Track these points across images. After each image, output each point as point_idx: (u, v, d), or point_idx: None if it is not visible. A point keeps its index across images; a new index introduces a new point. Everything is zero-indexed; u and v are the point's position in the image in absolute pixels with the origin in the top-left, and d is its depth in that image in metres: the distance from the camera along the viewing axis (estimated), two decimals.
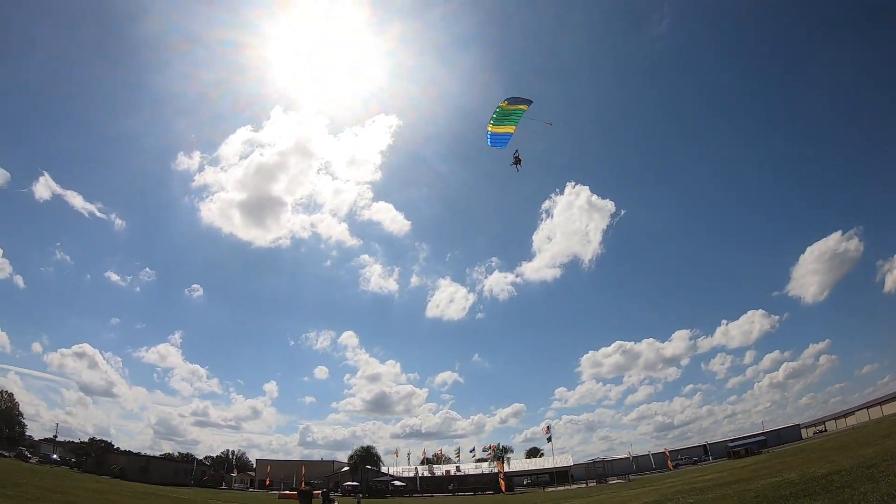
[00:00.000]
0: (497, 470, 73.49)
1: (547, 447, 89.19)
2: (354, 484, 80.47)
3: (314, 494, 13.52)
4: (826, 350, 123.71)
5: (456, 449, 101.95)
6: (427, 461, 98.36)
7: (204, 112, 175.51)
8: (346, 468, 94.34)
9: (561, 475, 79.74)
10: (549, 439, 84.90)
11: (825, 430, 78.33)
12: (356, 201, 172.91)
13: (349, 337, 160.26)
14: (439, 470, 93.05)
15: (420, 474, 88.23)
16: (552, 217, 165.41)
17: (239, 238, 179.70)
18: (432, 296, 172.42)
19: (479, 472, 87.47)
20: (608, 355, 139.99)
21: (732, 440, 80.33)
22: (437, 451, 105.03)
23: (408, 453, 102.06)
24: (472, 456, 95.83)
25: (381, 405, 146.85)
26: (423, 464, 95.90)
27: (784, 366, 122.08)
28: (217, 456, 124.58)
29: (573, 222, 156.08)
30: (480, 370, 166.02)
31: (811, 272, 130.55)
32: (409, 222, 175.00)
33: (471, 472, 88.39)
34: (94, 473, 63.47)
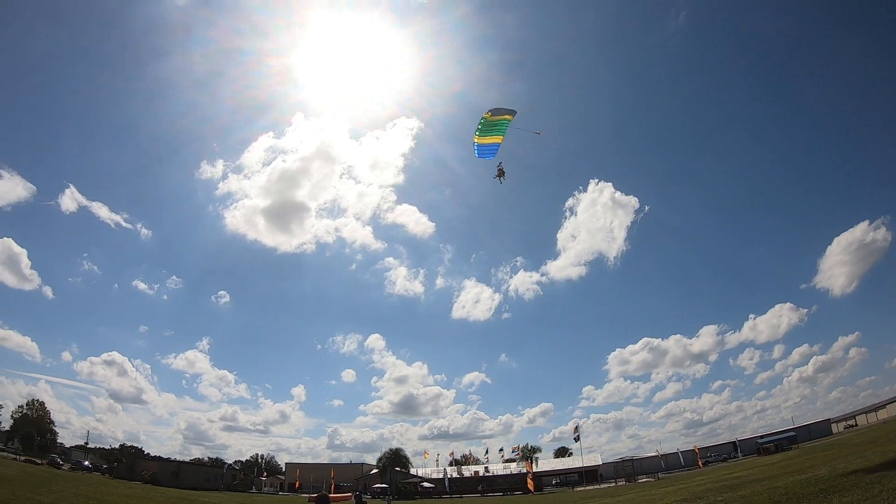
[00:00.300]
0: (526, 470, 74.15)
1: (575, 446, 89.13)
2: (384, 486, 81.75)
3: (342, 497, 14.47)
4: (856, 343, 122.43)
5: (484, 450, 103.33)
6: (456, 462, 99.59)
7: (226, 121, 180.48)
8: (375, 470, 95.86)
9: (590, 474, 79.63)
10: (577, 438, 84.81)
11: (856, 425, 77.16)
12: (379, 204, 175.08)
13: (376, 340, 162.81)
14: (468, 471, 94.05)
15: (449, 475, 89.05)
16: (576, 215, 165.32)
17: (264, 244, 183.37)
18: (458, 297, 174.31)
19: (507, 472, 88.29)
20: (635, 352, 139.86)
21: (762, 436, 79.60)
22: (466, 452, 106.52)
23: (436, 455, 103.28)
24: (501, 456, 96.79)
25: (408, 407, 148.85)
26: (451, 465, 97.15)
27: (813, 360, 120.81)
28: (246, 460, 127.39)
29: (597, 220, 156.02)
30: (507, 370, 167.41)
31: (839, 263, 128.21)
32: (433, 224, 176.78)
33: (499, 473, 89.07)
34: (125, 479, 64.62)
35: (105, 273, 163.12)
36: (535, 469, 77.44)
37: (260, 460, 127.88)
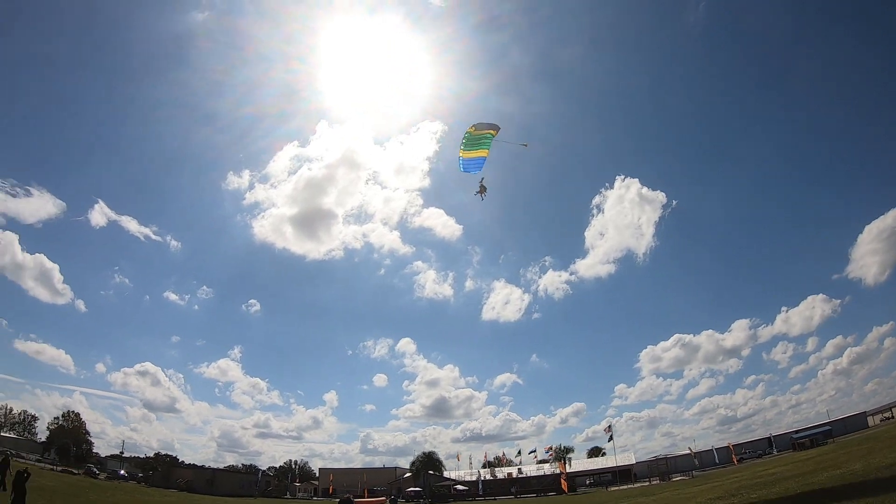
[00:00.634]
0: (559, 470, 74.57)
1: (608, 446, 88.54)
2: (417, 489, 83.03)
3: (375, 502, 15.37)
4: (890, 333, 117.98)
5: (517, 451, 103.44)
6: (489, 464, 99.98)
7: (251, 131, 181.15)
8: (409, 474, 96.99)
9: (623, 474, 79.28)
10: (610, 438, 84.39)
11: (893, 417, 75.51)
12: (406, 209, 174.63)
13: (407, 344, 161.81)
14: (501, 472, 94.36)
15: (482, 477, 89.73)
16: (603, 212, 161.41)
17: (293, 252, 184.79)
18: (487, 298, 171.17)
19: (540, 473, 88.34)
20: (667, 349, 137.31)
21: (797, 431, 78.49)
22: (499, 454, 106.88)
23: (469, 457, 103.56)
24: (534, 457, 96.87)
25: (440, 410, 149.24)
26: (484, 467, 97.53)
27: (847, 351, 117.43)
28: (280, 466, 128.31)
29: (625, 216, 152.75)
30: (539, 371, 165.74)
31: (871, 252, 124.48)
32: (461, 226, 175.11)
33: (533, 474, 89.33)
34: (161, 487, 65.57)
35: (136, 285, 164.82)
36: (568, 469, 77.71)
37: (293, 466, 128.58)
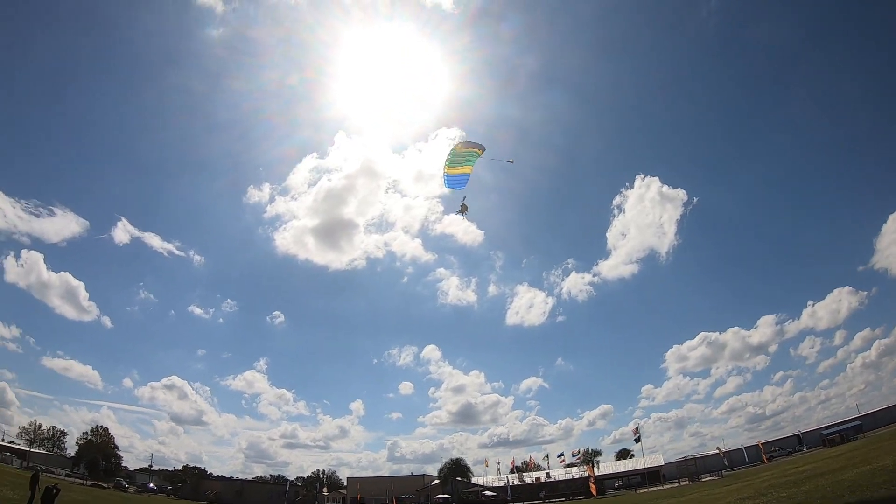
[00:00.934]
0: (587, 474, 74.73)
1: (637, 448, 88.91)
2: (446, 496, 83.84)
3: None
4: None
5: (544, 455, 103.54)
6: (517, 469, 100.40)
7: (269, 144, 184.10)
8: (437, 481, 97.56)
9: (652, 475, 79.27)
10: (638, 439, 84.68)
11: None
12: (427, 216, 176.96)
13: (431, 351, 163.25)
14: (529, 477, 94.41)
15: (510, 483, 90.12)
16: (624, 212, 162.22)
17: (315, 263, 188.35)
18: (511, 303, 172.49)
19: (569, 477, 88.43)
20: (693, 348, 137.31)
21: (826, 427, 77.71)
22: (527, 459, 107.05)
23: (497, 462, 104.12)
24: (561, 461, 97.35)
25: (467, 416, 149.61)
26: (512, 472, 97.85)
27: (876, 343, 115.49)
28: (308, 476, 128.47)
29: (646, 215, 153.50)
30: (565, 374, 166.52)
31: None
32: (482, 232, 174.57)
33: (561, 478, 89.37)
34: (190, 499, 67.14)
35: (161, 300, 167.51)
36: (596, 472, 77.70)
37: (321, 476, 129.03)
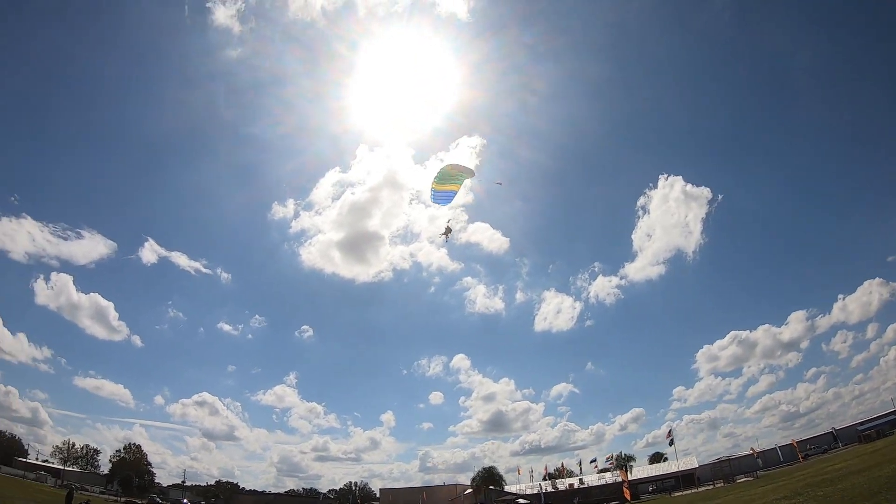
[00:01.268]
0: (621, 479, 74.96)
1: (670, 450, 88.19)
2: None
3: None
4: None
5: (577, 461, 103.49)
6: (549, 476, 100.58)
7: (292, 160, 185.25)
8: (470, 490, 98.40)
9: (686, 478, 78.83)
10: (671, 442, 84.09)
11: None
12: (452, 226, 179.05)
13: (461, 360, 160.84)
14: (563, 484, 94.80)
15: (543, 490, 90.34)
16: (649, 213, 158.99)
17: (342, 276, 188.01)
18: (539, 309, 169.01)
19: (602, 482, 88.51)
20: (724, 347, 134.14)
21: (862, 423, 77.00)
22: (559, 466, 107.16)
23: (530, 470, 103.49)
24: (594, 467, 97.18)
25: (498, 424, 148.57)
26: (545, 479, 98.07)
27: None
28: (340, 488, 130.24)
29: (671, 215, 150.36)
30: (595, 378, 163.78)
31: None
32: (507, 239, 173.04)
33: (594, 484, 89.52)
34: None
35: (190, 318, 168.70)
36: (630, 477, 77.73)
37: (354, 488, 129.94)
